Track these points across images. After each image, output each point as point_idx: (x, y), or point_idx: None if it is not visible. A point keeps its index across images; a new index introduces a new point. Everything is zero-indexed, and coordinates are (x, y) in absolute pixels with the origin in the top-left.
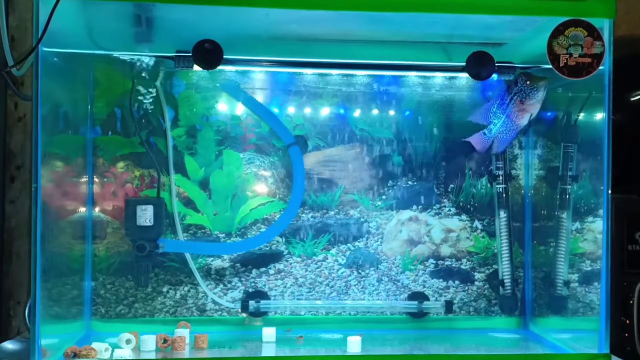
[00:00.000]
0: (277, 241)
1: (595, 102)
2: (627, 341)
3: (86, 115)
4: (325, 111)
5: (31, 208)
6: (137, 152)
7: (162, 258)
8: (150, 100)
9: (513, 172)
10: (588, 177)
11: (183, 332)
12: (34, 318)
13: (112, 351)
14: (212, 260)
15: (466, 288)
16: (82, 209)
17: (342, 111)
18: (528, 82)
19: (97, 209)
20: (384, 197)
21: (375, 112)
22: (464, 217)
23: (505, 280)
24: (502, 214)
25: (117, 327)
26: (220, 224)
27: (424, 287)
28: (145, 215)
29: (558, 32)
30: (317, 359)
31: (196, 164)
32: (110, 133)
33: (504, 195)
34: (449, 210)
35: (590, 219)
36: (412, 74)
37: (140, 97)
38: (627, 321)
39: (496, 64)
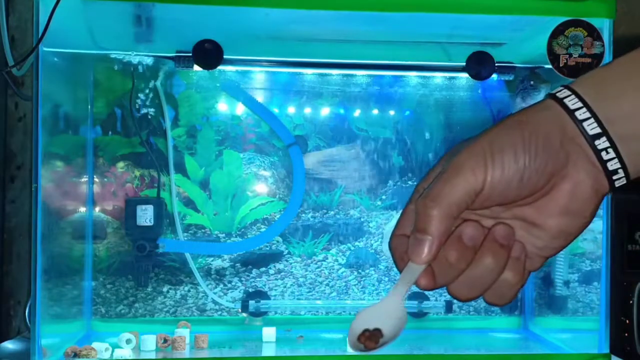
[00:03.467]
0: (277, 241)
1: None
2: (627, 341)
3: (86, 115)
4: (325, 111)
5: (31, 208)
6: (137, 152)
7: (162, 258)
8: (151, 100)
9: None
10: None
11: (183, 332)
12: (34, 318)
13: (112, 351)
14: (212, 260)
15: None
16: (83, 209)
17: (342, 111)
18: (532, 83)
19: (97, 209)
20: (383, 197)
21: (375, 112)
22: None
23: None
24: None
25: (117, 327)
26: (220, 223)
27: None
28: (146, 215)
29: (558, 32)
30: (317, 359)
31: (196, 164)
32: (110, 133)
33: None
34: None
35: None
36: (412, 74)
37: (140, 98)
38: (627, 321)
39: (496, 64)
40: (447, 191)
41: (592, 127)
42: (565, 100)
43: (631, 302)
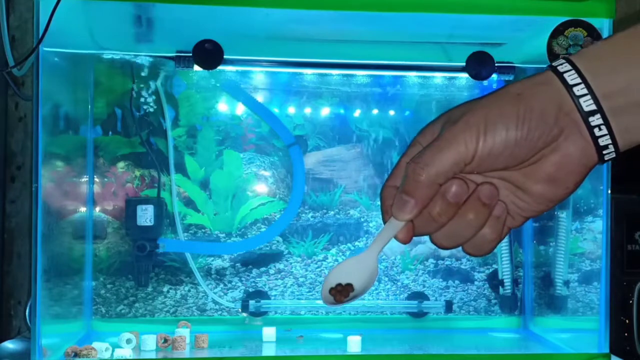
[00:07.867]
0: (277, 241)
1: None
2: (627, 341)
3: (86, 115)
4: (325, 111)
5: (32, 208)
6: (138, 152)
7: (162, 258)
8: (151, 100)
9: None
10: (588, 177)
11: (183, 332)
12: (35, 318)
13: (113, 351)
14: (212, 260)
15: (466, 288)
16: (83, 209)
17: (342, 111)
18: None
19: (97, 209)
20: None
21: (375, 112)
22: None
23: (505, 280)
24: None
25: (118, 327)
26: (220, 223)
27: (424, 286)
28: (146, 215)
29: (558, 32)
30: (317, 358)
31: (196, 163)
32: (110, 133)
33: None
34: None
35: (589, 218)
36: (412, 74)
37: (140, 97)
38: (627, 321)
39: (496, 64)
40: (438, 160)
41: (588, 104)
42: (565, 75)
43: (631, 302)
